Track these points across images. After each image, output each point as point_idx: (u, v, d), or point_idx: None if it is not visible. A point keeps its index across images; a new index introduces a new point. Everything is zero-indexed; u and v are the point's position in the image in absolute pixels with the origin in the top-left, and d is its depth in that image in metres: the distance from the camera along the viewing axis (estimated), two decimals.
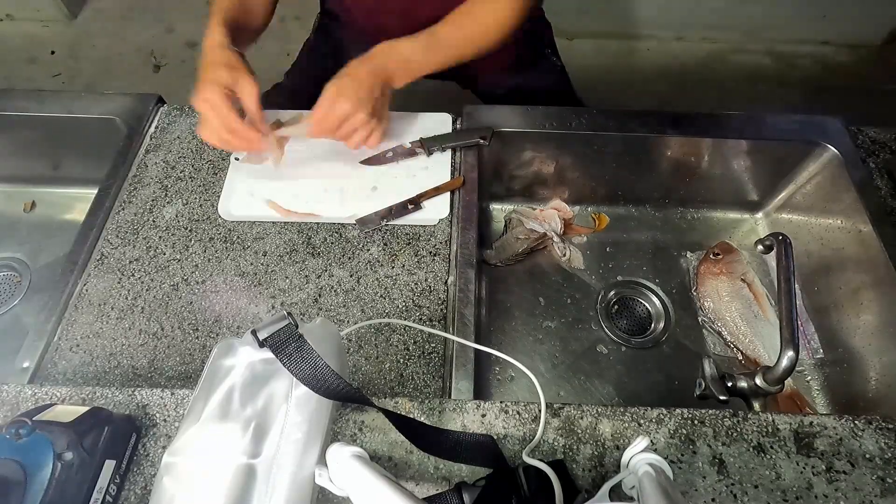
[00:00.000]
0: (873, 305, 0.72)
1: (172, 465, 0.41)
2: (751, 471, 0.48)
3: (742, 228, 0.92)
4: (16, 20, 2.19)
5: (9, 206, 0.94)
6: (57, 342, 0.65)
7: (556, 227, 0.85)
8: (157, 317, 0.67)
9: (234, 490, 0.39)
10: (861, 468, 0.48)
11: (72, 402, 0.52)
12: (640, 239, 0.91)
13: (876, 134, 0.82)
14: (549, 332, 0.82)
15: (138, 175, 0.78)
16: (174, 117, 0.84)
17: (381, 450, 0.49)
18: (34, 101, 0.85)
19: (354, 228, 0.73)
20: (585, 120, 0.82)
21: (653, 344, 0.82)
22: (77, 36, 2.16)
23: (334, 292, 0.68)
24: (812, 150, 0.81)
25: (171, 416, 0.51)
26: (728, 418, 0.51)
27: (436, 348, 0.64)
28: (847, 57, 2.04)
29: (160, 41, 2.14)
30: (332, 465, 0.41)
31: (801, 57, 2.04)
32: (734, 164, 0.85)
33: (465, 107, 0.83)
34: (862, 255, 0.74)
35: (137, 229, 0.73)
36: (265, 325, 0.44)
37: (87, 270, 0.70)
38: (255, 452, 0.41)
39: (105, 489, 0.45)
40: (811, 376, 0.78)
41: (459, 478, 0.47)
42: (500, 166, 0.87)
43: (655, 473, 0.41)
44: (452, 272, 0.69)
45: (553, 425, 0.50)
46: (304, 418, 0.43)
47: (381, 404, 0.49)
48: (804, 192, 0.85)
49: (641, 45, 2.07)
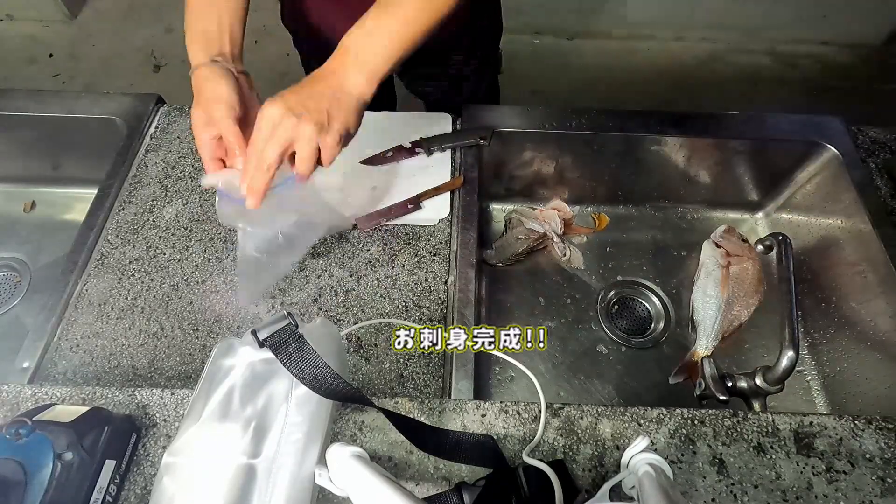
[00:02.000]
0: (873, 305, 0.72)
1: (172, 465, 0.41)
2: (751, 471, 0.48)
3: (742, 228, 0.92)
4: (16, 20, 2.19)
5: (9, 206, 0.94)
6: (57, 342, 0.65)
7: (556, 227, 0.85)
8: (157, 317, 0.67)
9: (234, 490, 0.39)
10: (861, 468, 0.48)
11: (72, 402, 0.52)
12: (640, 239, 0.91)
13: (876, 134, 0.82)
14: (549, 332, 0.82)
15: (138, 175, 0.79)
16: (174, 117, 0.84)
17: (381, 450, 0.49)
18: (34, 101, 0.85)
19: (354, 228, 0.73)
20: (585, 120, 0.82)
21: (653, 344, 0.82)
22: (77, 36, 2.17)
23: (334, 292, 0.68)
24: (812, 150, 0.81)
25: (171, 416, 0.51)
26: (728, 418, 0.51)
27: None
28: (847, 57, 2.04)
29: (160, 41, 2.14)
30: (332, 465, 0.41)
31: (801, 57, 2.04)
32: (734, 164, 0.85)
33: (467, 106, 0.83)
34: (862, 255, 0.74)
35: (137, 229, 0.73)
36: (265, 325, 0.44)
37: (87, 270, 0.70)
38: (255, 452, 0.41)
39: (105, 489, 0.45)
40: (811, 376, 0.78)
41: (459, 478, 0.47)
42: (500, 166, 0.87)
43: (655, 473, 0.41)
44: (452, 272, 0.69)
45: (553, 425, 0.50)
46: (304, 418, 0.43)
47: (381, 404, 0.49)
48: (804, 192, 0.85)
49: (641, 45, 2.07)
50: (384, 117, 0.82)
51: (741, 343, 0.81)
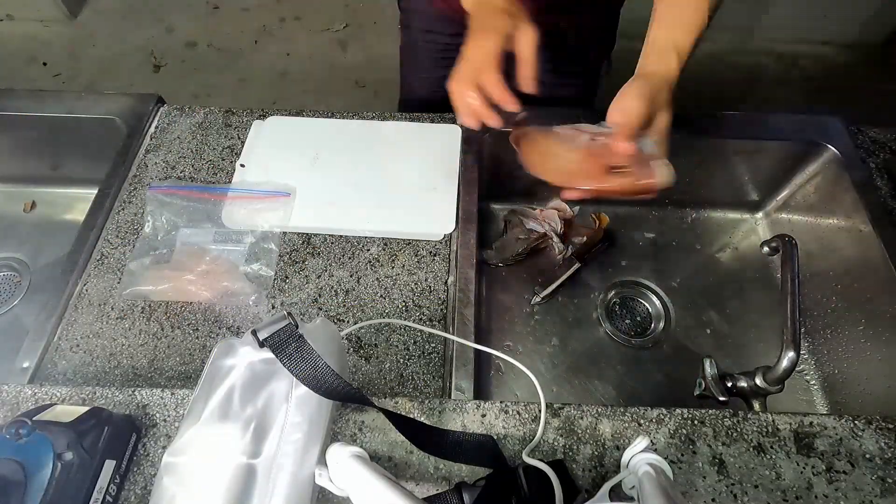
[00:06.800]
0: (873, 305, 0.72)
1: (172, 465, 0.41)
2: (751, 471, 0.48)
3: (742, 228, 0.92)
4: (16, 20, 2.19)
5: (9, 206, 0.94)
6: (57, 342, 0.65)
7: (556, 227, 0.85)
8: (157, 317, 0.67)
9: (234, 490, 0.39)
10: (861, 468, 0.48)
11: (72, 402, 0.52)
12: (640, 239, 0.91)
13: (876, 134, 0.82)
14: (549, 332, 0.82)
15: (138, 175, 0.79)
16: (174, 117, 0.84)
17: (381, 450, 0.49)
18: (34, 101, 0.85)
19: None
20: (586, 120, 0.81)
21: (653, 344, 0.82)
22: (77, 36, 2.17)
23: (334, 292, 0.68)
24: (812, 150, 0.81)
25: (171, 416, 0.51)
26: (728, 418, 0.51)
27: (436, 348, 0.64)
28: (847, 57, 2.04)
29: (160, 41, 2.14)
30: (332, 465, 0.41)
31: (801, 57, 2.04)
32: (734, 164, 0.85)
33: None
34: (862, 255, 0.74)
35: (137, 229, 0.73)
36: (265, 325, 0.44)
37: (87, 270, 0.70)
38: (255, 452, 0.41)
39: (105, 489, 0.45)
40: (811, 376, 0.79)
41: (459, 478, 0.47)
42: (500, 166, 0.87)
43: (655, 473, 0.41)
44: (452, 272, 0.69)
45: (553, 425, 0.50)
46: (304, 418, 0.43)
47: (381, 404, 0.49)
48: (804, 192, 0.85)
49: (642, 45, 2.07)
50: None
51: (741, 343, 0.81)
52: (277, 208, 0.73)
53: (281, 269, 0.70)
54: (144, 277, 0.67)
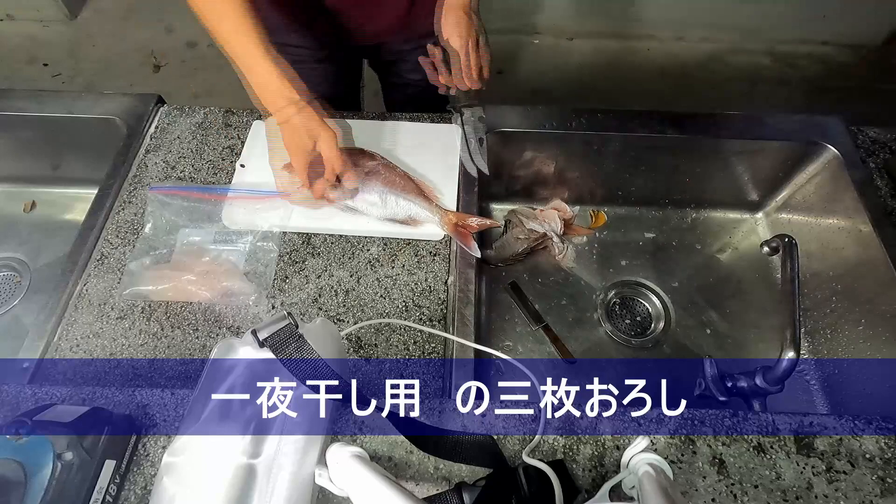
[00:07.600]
0: (873, 305, 0.72)
1: (172, 465, 0.41)
2: (751, 471, 0.48)
3: (742, 228, 0.92)
4: (16, 20, 2.19)
5: (9, 206, 0.94)
6: (57, 342, 0.65)
7: (556, 227, 0.85)
8: (157, 317, 0.67)
9: (234, 490, 0.39)
10: (861, 468, 0.48)
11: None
12: (640, 239, 0.91)
13: (876, 134, 0.82)
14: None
15: (138, 175, 0.78)
16: (174, 117, 0.84)
17: (381, 450, 0.49)
18: (34, 101, 0.85)
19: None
20: (585, 120, 0.82)
21: (653, 344, 0.82)
22: (77, 36, 2.16)
23: (334, 292, 0.68)
24: (812, 150, 0.81)
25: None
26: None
27: (436, 348, 0.64)
28: (847, 57, 2.04)
29: (160, 41, 2.14)
30: (332, 465, 0.41)
31: (801, 57, 2.04)
32: (734, 164, 0.85)
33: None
34: (862, 255, 0.74)
35: (137, 229, 0.73)
36: (265, 325, 0.44)
37: (87, 270, 0.70)
38: (255, 452, 0.41)
39: (105, 489, 0.45)
40: (811, 376, 0.78)
41: (459, 478, 0.47)
42: (500, 166, 0.87)
43: (655, 473, 0.41)
44: (452, 272, 0.69)
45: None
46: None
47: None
48: (804, 192, 0.85)
49: (641, 45, 2.07)
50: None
51: (741, 343, 0.81)
52: (277, 208, 0.73)
53: (281, 269, 0.70)
54: (144, 277, 0.67)
